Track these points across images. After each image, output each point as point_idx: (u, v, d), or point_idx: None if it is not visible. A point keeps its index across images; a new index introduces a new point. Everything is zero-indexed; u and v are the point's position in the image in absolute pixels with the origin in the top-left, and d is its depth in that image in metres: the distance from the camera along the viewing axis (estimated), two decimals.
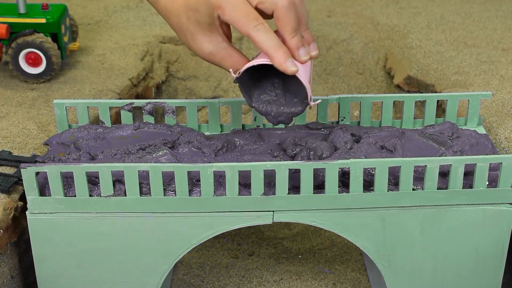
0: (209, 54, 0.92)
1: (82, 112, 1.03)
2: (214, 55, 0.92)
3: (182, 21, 0.91)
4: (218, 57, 0.92)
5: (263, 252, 1.26)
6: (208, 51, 0.92)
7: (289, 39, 0.88)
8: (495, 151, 0.99)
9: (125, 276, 0.95)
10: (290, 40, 0.88)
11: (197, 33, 0.91)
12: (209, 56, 0.92)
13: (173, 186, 0.91)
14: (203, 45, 0.92)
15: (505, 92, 1.23)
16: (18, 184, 0.98)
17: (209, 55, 0.92)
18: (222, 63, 0.92)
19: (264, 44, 0.87)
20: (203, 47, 0.92)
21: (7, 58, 1.25)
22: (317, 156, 0.93)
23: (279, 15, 0.87)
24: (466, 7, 1.67)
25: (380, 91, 1.52)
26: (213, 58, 0.92)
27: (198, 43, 0.92)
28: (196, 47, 0.92)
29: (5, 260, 0.96)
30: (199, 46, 0.92)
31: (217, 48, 0.92)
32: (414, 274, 0.97)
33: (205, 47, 0.92)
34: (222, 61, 0.92)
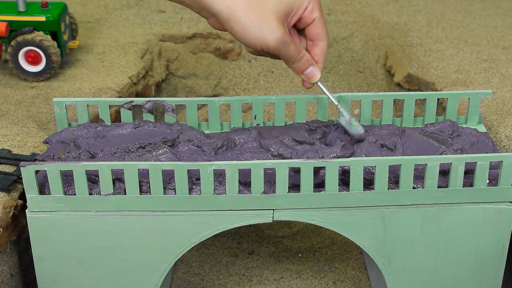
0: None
1: (82, 110, 1.03)
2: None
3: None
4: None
5: (263, 251, 1.25)
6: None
7: (289, 66, 0.92)
8: (495, 150, 0.99)
9: (125, 275, 0.95)
10: (291, 67, 0.92)
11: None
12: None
13: (173, 184, 0.91)
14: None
15: (505, 90, 1.23)
16: (17, 182, 0.98)
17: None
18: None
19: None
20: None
21: (7, 56, 1.25)
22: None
23: (273, 52, 0.89)
24: (466, 5, 1.66)
25: (380, 89, 1.52)
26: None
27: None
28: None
29: (5, 259, 0.96)
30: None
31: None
32: (414, 273, 0.97)
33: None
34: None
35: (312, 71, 0.93)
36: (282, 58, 0.90)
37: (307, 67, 0.92)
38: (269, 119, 1.41)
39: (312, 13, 0.91)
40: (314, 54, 0.93)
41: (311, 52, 0.94)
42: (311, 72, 0.93)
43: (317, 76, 0.93)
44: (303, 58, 0.91)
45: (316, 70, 0.93)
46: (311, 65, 0.92)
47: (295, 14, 0.90)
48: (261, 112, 1.04)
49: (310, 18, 0.91)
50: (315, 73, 0.93)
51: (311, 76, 0.93)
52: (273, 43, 0.87)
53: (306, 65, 0.92)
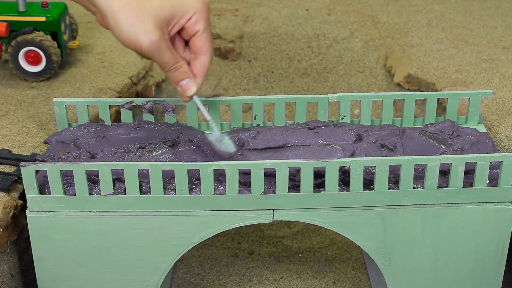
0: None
1: (82, 110, 1.03)
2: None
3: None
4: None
5: (263, 251, 1.25)
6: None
7: (165, 73, 0.90)
8: (495, 150, 0.99)
9: (125, 275, 0.95)
10: (166, 75, 0.90)
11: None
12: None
13: (173, 184, 0.91)
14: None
15: (505, 90, 1.23)
16: (17, 182, 0.98)
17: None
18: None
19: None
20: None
21: (7, 56, 1.25)
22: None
23: (146, 55, 0.87)
24: (466, 5, 1.66)
25: (380, 89, 1.52)
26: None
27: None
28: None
29: (5, 259, 0.96)
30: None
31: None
32: (414, 273, 0.97)
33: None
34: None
35: (187, 83, 0.90)
36: (157, 62, 0.88)
37: (182, 78, 0.90)
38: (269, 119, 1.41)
39: (195, 24, 0.89)
40: (193, 67, 0.91)
41: (191, 65, 0.92)
42: (187, 84, 0.90)
43: (192, 90, 0.91)
44: (179, 68, 0.89)
45: (192, 83, 0.91)
46: (187, 78, 0.90)
47: (177, 23, 0.88)
48: (261, 112, 1.04)
49: (193, 30, 0.89)
50: (190, 86, 0.91)
51: (186, 89, 0.91)
52: (146, 45, 0.85)
53: (181, 76, 0.90)
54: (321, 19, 1.61)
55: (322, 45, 1.56)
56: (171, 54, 0.88)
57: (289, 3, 1.71)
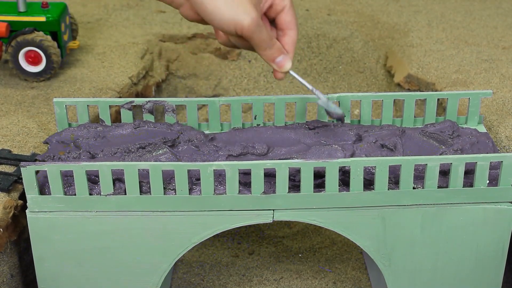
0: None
1: (82, 110, 1.03)
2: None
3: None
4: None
5: (263, 251, 1.25)
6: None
7: (261, 53, 0.89)
8: (495, 150, 0.99)
9: (125, 275, 0.95)
10: (262, 54, 0.90)
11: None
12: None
13: (173, 184, 0.91)
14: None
15: (505, 90, 1.23)
16: (18, 182, 0.98)
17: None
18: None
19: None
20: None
21: (7, 56, 1.25)
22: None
23: (247, 34, 0.87)
24: (466, 5, 1.66)
25: (380, 89, 1.52)
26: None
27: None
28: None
29: (5, 259, 0.96)
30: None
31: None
32: (414, 273, 0.97)
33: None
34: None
35: (283, 59, 0.91)
36: (254, 43, 0.88)
37: (278, 55, 0.90)
38: (269, 119, 1.41)
39: (283, 0, 0.90)
40: (284, 44, 0.92)
41: (281, 41, 0.92)
42: (282, 60, 0.91)
43: (287, 65, 0.91)
44: (275, 45, 0.90)
45: (287, 59, 0.91)
46: (282, 54, 0.91)
47: (267, 0, 0.90)
48: (261, 112, 1.04)
49: (281, 5, 0.91)
50: (286, 61, 0.91)
51: (282, 65, 0.91)
52: (247, 24, 0.85)
53: (277, 53, 0.90)
54: (321, 19, 1.61)
55: (322, 45, 1.56)
56: (267, 31, 0.88)
57: None
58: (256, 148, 0.96)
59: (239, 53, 1.55)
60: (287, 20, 0.92)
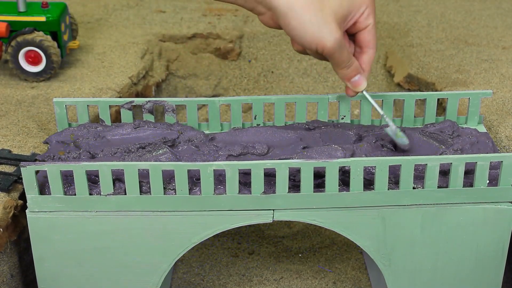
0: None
1: (82, 110, 1.03)
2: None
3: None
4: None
5: (263, 251, 1.25)
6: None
7: (338, 71, 0.89)
8: (495, 150, 0.99)
9: (125, 275, 0.95)
10: (339, 72, 0.89)
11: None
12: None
13: (173, 184, 0.91)
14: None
15: (505, 90, 1.23)
16: (18, 182, 0.98)
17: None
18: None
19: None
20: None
21: (7, 56, 1.25)
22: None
23: (328, 54, 0.86)
24: (466, 5, 1.66)
25: (380, 89, 1.52)
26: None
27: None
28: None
29: (5, 259, 0.96)
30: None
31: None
32: (414, 273, 0.97)
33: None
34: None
35: (359, 79, 0.90)
36: (333, 61, 0.88)
37: (355, 74, 0.90)
38: (269, 119, 1.41)
39: (367, 19, 0.89)
40: (361, 62, 0.91)
41: (358, 59, 0.91)
42: (358, 80, 0.90)
43: (363, 85, 0.91)
44: (353, 65, 0.89)
45: (363, 78, 0.91)
46: (358, 73, 0.90)
47: (352, 19, 0.89)
48: (261, 112, 1.04)
49: (365, 24, 0.89)
50: (362, 81, 0.91)
51: (357, 84, 0.91)
52: (330, 44, 0.85)
53: (354, 72, 0.90)
54: None
55: None
56: (348, 51, 0.88)
57: None
58: (256, 148, 0.96)
59: (239, 53, 1.55)
60: (368, 39, 0.91)
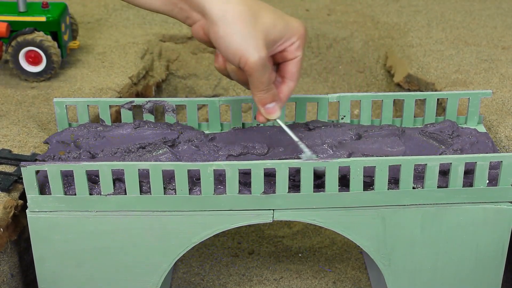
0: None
1: (82, 110, 1.03)
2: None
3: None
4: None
5: (263, 251, 1.26)
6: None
7: (254, 93, 0.87)
8: (495, 150, 0.99)
9: (125, 275, 0.95)
10: (255, 95, 0.87)
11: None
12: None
13: (173, 184, 0.91)
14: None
15: (505, 90, 1.23)
16: (18, 182, 0.98)
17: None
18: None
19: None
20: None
21: (7, 56, 1.25)
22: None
23: (248, 70, 0.84)
24: (466, 5, 1.66)
25: (380, 89, 1.52)
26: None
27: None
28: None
29: (5, 259, 0.96)
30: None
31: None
32: (414, 273, 0.97)
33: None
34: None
35: (273, 107, 0.88)
36: (252, 81, 0.85)
37: (270, 101, 0.88)
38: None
39: (297, 50, 0.88)
40: (280, 91, 0.89)
41: (278, 88, 0.90)
42: (273, 108, 0.88)
43: (276, 114, 0.89)
44: (271, 91, 0.87)
45: (278, 107, 0.89)
46: (274, 101, 0.88)
47: (281, 45, 0.87)
48: None
49: (293, 55, 0.88)
50: (276, 110, 0.89)
51: (271, 112, 0.89)
52: (253, 60, 0.82)
53: (270, 98, 0.88)
54: (321, 19, 1.62)
55: (322, 45, 1.57)
56: (270, 75, 0.86)
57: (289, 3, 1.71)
58: (256, 148, 0.96)
59: None
60: (293, 71, 0.89)
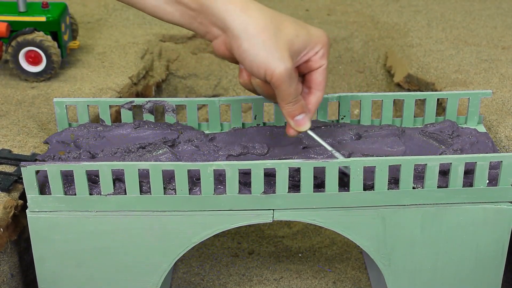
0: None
1: (82, 110, 1.03)
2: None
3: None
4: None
5: (263, 251, 1.26)
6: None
7: (282, 106, 0.85)
8: (495, 150, 0.99)
9: (125, 275, 0.95)
10: (283, 107, 0.85)
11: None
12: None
13: (173, 184, 0.91)
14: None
15: (505, 90, 1.23)
16: (18, 182, 0.98)
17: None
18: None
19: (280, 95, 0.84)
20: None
21: (7, 56, 1.25)
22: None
23: (275, 82, 0.82)
24: (466, 5, 1.67)
25: (380, 89, 1.52)
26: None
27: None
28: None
29: (5, 259, 0.96)
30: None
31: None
32: (414, 273, 0.97)
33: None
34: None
35: (303, 118, 0.86)
36: (279, 93, 0.83)
37: (299, 113, 0.86)
38: (269, 119, 1.41)
39: (322, 59, 0.87)
40: (308, 102, 0.88)
41: (306, 99, 0.88)
42: (302, 119, 0.86)
43: (306, 125, 0.86)
44: (299, 102, 0.85)
45: (307, 119, 0.86)
46: (303, 112, 0.86)
47: (306, 55, 0.86)
48: (261, 112, 1.04)
49: (318, 64, 0.87)
50: (306, 121, 0.86)
51: (300, 124, 0.86)
52: (279, 71, 0.81)
53: (299, 110, 0.85)
54: (321, 19, 1.62)
55: None
56: (297, 86, 0.84)
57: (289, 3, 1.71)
58: (256, 148, 0.96)
59: None
60: (319, 80, 0.87)
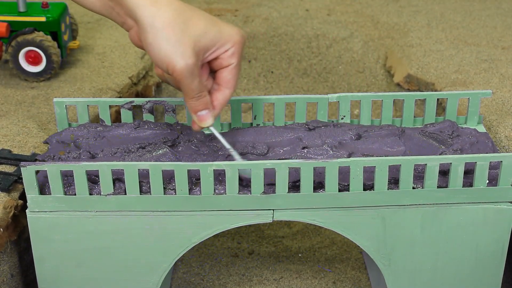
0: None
1: (82, 110, 1.03)
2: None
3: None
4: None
5: (263, 251, 1.26)
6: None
7: (186, 100, 0.87)
8: (495, 150, 0.99)
9: (125, 275, 0.95)
10: (186, 101, 0.88)
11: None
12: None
13: (173, 184, 0.91)
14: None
15: (505, 90, 1.23)
16: (18, 182, 0.98)
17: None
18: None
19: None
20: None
21: (7, 56, 1.25)
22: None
23: (177, 77, 0.85)
24: (466, 6, 1.67)
25: (380, 89, 1.52)
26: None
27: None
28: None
29: (5, 259, 0.96)
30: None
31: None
32: (414, 273, 0.97)
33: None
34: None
35: (206, 114, 0.89)
36: (183, 89, 0.86)
37: (202, 108, 0.88)
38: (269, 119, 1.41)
39: (231, 57, 0.88)
40: (215, 99, 0.90)
41: (212, 95, 0.90)
42: (205, 115, 0.89)
43: (208, 122, 0.89)
44: (202, 98, 0.87)
45: (210, 115, 0.89)
46: (206, 108, 0.88)
47: (214, 52, 0.87)
48: (261, 112, 1.04)
49: (227, 62, 0.88)
50: (208, 117, 0.89)
51: (203, 119, 0.89)
52: (180, 67, 0.83)
53: (201, 106, 0.88)
54: (321, 19, 1.62)
55: (322, 45, 1.57)
56: (199, 82, 0.86)
57: (289, 3, 1.71)
58: (256, 148, 0.96)
59: None
60: (228, 78, 0.89)
